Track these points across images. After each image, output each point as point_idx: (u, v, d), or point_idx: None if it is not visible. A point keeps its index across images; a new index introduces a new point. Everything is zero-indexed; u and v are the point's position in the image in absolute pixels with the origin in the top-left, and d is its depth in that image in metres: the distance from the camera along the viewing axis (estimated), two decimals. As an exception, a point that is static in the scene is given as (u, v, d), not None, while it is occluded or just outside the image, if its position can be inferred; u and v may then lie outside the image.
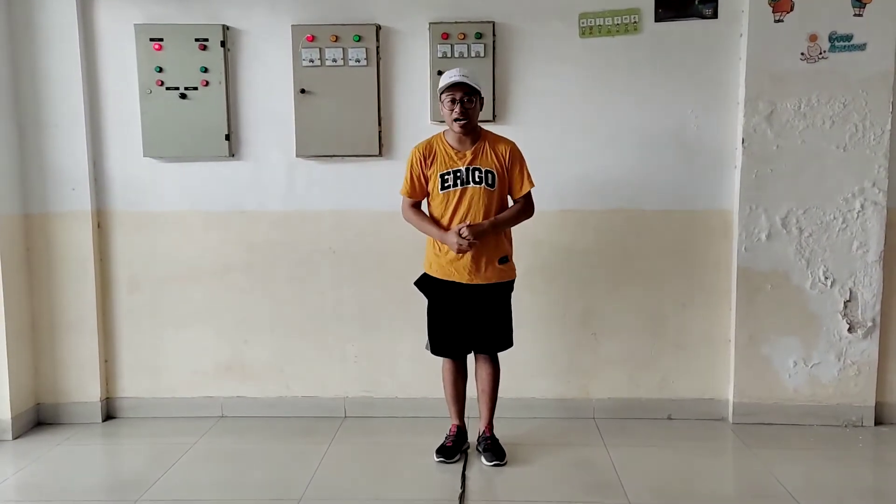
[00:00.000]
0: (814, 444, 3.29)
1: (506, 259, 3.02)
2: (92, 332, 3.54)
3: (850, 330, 3.44)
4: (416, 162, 2.99)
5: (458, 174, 2.93)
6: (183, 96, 3.43)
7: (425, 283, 3.08)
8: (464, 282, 2.96)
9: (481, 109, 3.01)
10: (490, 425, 3.16)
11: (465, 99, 2.87)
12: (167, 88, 3.43)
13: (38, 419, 3.57)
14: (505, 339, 3.09)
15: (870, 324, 3.43)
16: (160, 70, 3.42)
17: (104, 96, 3.50)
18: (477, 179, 2.92)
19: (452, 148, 2.97)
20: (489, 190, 2.93)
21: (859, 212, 3.38)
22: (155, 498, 2.78)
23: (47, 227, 3.50)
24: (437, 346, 3.11)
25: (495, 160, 2.95)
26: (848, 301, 3.42)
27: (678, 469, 3.05)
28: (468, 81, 2.87)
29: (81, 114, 3.44)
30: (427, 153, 2.99)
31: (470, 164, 2.94)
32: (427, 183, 3.00)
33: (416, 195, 3.04)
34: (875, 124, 3.33)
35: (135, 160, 3.52)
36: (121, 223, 3.57)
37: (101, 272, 3.58)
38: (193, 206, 3.57)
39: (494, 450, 3.07)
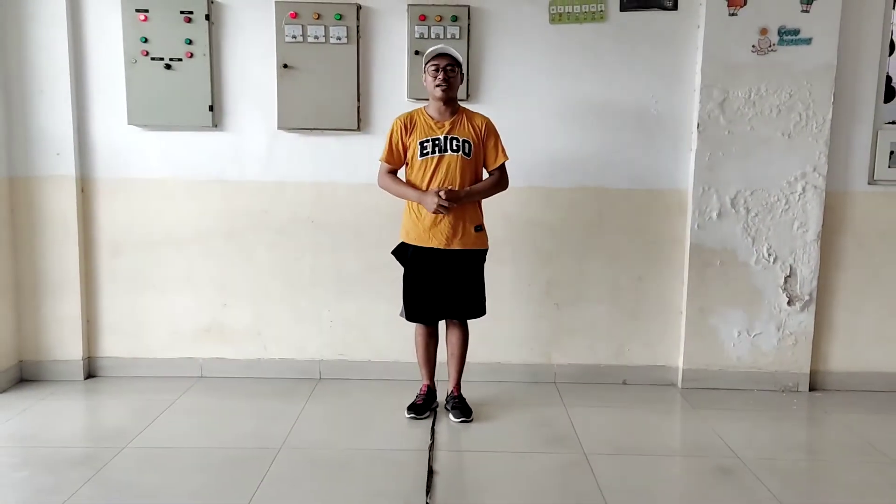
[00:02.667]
0: (753, 407, 3.58)
1: (480, 228, 3.22)
2: (74, 293, 3.66)
3: (789, 303, 3.73)
4: (397, 130, 3.18)
5: (437, 142, 3.13)
6: (168, 67, 3.55)
7: (402, 252, 3.26)
8: (441, 247, 3.14)
9: (461, 83, 3.21)
10: (458, 386, 3.37)
11: (448, 68, 3.09)
12: (152, 59, 3.54)
13: (21, 376, 3.69)
14: (478, 307, 3.29)
15: (807, 298, 3.73)
16: (145, 41, 3.53)
17: (90, 65, 3.60)
18: (454, 148, 3.12)
19: (432, 118, 3.17)
20: (465, 158, 3.13)
21: (801, 194, 3.66)
22: (140, 446, 2.94)
23: (32, 191, 3.60)
24: (411, 313, 3.28)
25: (472, 132, 3.16)
26: (788, 276, 3.72)
27: (630, 427, 3.31)
28: (452, 53, 3.12)
29: (67, 81, 3.54)
30: (408, 122, 3.18)
31: (448, 133, 3.14)
32: (405, 152, 3.19)
33: (394, 162, 3.22)
34: (817, 114, 3.60)
35: (119, 128, 3.63)
36: (104, 189, 3.68)
37: (85, 236, 3.69)
38: (176, 174, 3.70)
39: (462, 408, 3.29)
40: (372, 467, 2.81)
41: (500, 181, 3.24)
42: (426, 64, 3.13)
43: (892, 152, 3.71)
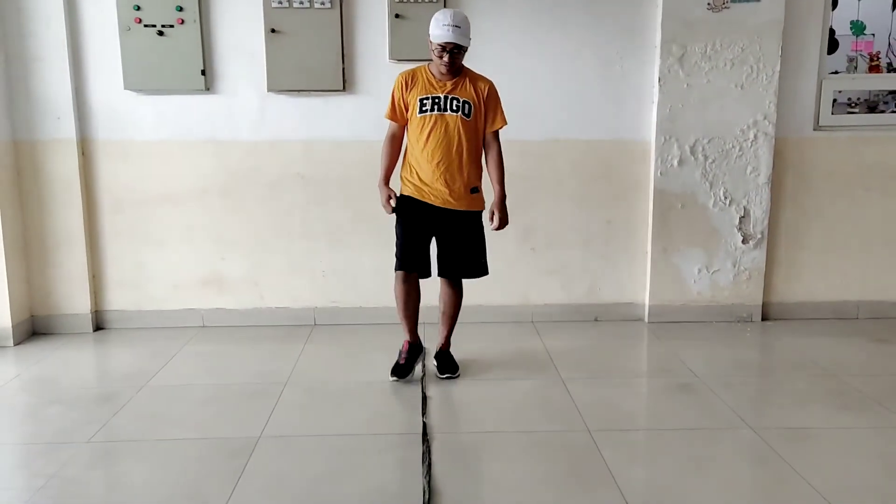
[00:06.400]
0: (712, 336, 3.95)
1: (476, 189, 3.19)
2: (80, 250, 3.89)
3: (743, 241, 4.09)
4: (399, 87, 3.13)
5: (437, 100, 3.08)
6: (160, 33, 3.73)
7: (401, 204, 3.16)
8: (437, 205, 3.13)
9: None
10: (448, 342, 3.40)
11: (456, 51, 3.02)
12: (145, 25, 3.72)
13: (33, 329, 3.93)
14: (478, 266, 3.28)
15: (759, 236, 4.09)
16: (138, 8, 3.71)
17: (86, 33, 3.78)
18: (454, 108, 3.08)
19: (434, 77, 3.12)
20: (465, 119, 3.09)
21: (753, 141, 3.99)
22: (158, 384, 3.22)
23: (35, 154, 3.79)
24: (404, 261, 3.18)
25: (474, 94, 3.11)
26: (742, 217, 4.07)
27: (600, 355, 3.66)
28: (461, 42, 3.00)
29: (64, 48, 3.72)
30: (410, 79, 3.13)
31: (449, 92, 3.09)
32: (407, 109, 3.13)
33: (397, 118, 3.16)
34: (767, 66, 3.92)
35: (116, 92, 3.82)
36: (104, 150, 3.88)
37: (87, 196, 3.90)
38: (171, 136, 3.91)
39: (448, 364, 3.34)
40: (371, 396, 3.12)
41: (500, 152, 3.23)
42: (432, 39, 3.02)
43: (834, 100, 4.06)
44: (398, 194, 3.20)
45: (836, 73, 4.11)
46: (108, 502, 2.30)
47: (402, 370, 3.27)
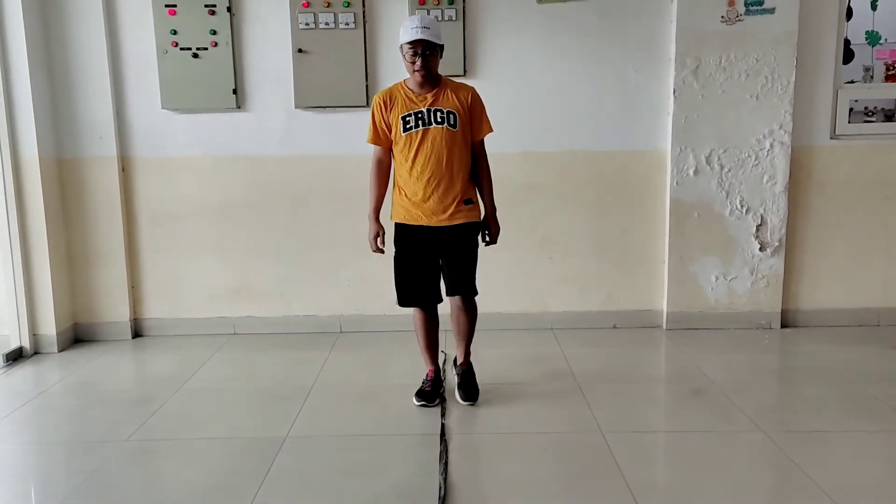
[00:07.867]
0: (730, 343, 4.00)
1: (471, 201, 3.05)
2: (120, 261, 4.11)
3: (761, 249, 4.14)
4: (377, 109, 2.98)
5: (420, 115, 2.92)
6: (195, 56, 3.95)
7: (397, 236, 3.09)
8: (432, 225, 3.01)
9: (441, 58, 2.96)
10: (466, 357, 3.26)
11: (428, 52, 2.85)
12: (181, 49, 3.95)
13: (76, 337, 4.15)
14: (469, 284, 3.11)
15: (777, 244, 4.13)
16: (174, 33, 3.93)
17: (126, 57, 4.02)
18: (439, 120, 2.92)
19: (413, 92, 2.96)
20: (451, 130, 2.93)
21: (769, 150, 4.05)
22: (192, 388, 3.40)
23: (79, 170, 4.03)
24: (404, 297, 3.10)
25: (457, 103, 2.95)
26: (759, 225, 4.12)
27: (618, 362, 3.73)
28: (430, 38, 2.82)
29: (106, 71, 3.96)
30: (387, 99, 2.97)
31: (431, 105, 2.93)
32: (390, 130, 2.99)
33: (380, 142, 3.04)
34: (782, 76, 3.98)
35: (153, 112, 4.05)
36: (142, 167, 4.11)
37: (126, 210, 4.13)
38: (205, 152, 4.11)
39: (467, 388, 3.20)
40: (394, 398, 3.24)
41: (487, 163, 3.10)
42: (402, 44, 2.87)
43: (851, 109, 4.10)
44: (394, 224, 3.10)
45: (853, 82, 4.14)
46: (143, 497, 2.46)
47: (428, 396, 3.15)
